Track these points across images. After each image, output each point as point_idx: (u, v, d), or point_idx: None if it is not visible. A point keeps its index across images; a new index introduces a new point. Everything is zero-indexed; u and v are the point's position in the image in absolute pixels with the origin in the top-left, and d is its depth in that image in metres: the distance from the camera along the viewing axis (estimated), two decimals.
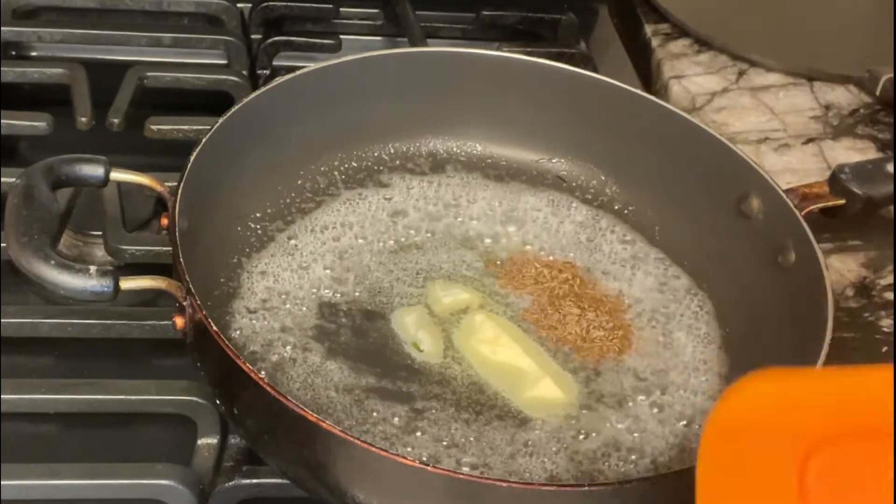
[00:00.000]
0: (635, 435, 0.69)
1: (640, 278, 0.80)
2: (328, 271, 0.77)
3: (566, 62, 0.87)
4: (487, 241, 0.81)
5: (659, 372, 0.74)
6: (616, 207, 0.85)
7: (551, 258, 0.80)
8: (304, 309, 0.74)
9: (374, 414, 0.68)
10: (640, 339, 0.76)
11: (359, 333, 0.74)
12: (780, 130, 0.98)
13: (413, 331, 0.74)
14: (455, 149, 0.87)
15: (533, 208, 0.84)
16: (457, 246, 0.81)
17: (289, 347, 0.71)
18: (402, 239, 0.80)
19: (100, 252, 0.82)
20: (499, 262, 0.79)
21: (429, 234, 0.81)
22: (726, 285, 0.79)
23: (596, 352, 0.75)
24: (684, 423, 0.71)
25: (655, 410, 0.71)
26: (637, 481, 0.62)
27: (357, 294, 0.76)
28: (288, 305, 0.74)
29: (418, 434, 0.68)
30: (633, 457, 0.68)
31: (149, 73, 0.96)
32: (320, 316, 0.74)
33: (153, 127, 0.90)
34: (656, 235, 0.83)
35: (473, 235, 0.82)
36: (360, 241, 0.80)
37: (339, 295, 0.76)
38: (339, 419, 0.68)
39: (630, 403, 0.71)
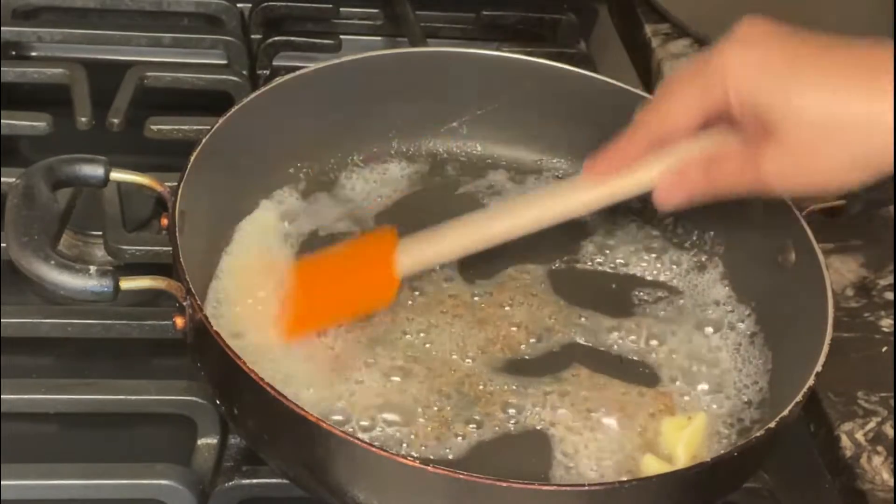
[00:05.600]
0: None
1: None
2: None
3: (566, 62, 0.87)
4: None
5: None
6: (616, 207, 0.85)
7: None
8: None
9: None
10: None
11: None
12: None
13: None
14: (455, 149, 0.87)
15: None
16: None
17: None
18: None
19: (100, 252, 0.82)
20: None
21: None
22: None
23: None
24: None
25: None
26: (637, 481, 0.62)
27: None
28: None
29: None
30: None
31: (149, 73, 0.96)
32: None
33: (153, 127, 0.90)
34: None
35: None
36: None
37: None
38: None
39: None
